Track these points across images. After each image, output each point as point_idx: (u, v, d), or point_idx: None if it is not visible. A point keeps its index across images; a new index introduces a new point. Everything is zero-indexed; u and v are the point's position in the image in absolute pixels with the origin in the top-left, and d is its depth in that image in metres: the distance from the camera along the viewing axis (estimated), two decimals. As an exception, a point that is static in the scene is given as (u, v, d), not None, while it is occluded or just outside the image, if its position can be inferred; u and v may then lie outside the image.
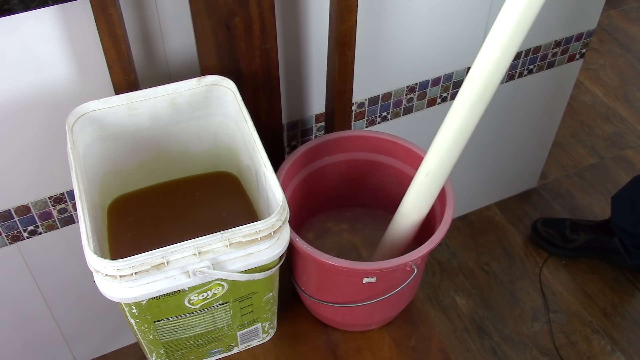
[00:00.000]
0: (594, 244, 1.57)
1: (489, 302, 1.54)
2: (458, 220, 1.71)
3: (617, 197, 1.52)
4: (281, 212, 0.76)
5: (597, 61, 2.20)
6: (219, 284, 0.78)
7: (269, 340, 0.98)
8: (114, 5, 0.80)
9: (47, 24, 0.86)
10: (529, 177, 1.76)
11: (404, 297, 0.98)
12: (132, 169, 0.96)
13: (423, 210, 0.90)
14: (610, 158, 1.89)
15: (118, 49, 0.84)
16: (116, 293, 0.73)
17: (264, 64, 0.97)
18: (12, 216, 1.03)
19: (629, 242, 1.50)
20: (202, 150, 0.98)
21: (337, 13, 0.92)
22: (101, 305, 1.25)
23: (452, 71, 1.29)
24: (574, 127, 1.98)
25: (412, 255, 0.84)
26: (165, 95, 0.90)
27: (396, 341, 0.99)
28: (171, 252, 0.72)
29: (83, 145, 0.87)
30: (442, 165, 0.83)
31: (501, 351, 1.45)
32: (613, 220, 1.52)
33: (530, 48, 1.35)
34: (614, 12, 2.40)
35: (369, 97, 1.23)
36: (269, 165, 0.81)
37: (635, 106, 2.05)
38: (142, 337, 0.84)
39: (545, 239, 1.61)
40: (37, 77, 0.90)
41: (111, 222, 0.94)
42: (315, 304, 0.96)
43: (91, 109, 0.86)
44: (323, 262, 0.84)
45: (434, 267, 1.61)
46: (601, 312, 1.53)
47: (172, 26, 0.94)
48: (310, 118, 1.19)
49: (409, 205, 0.90)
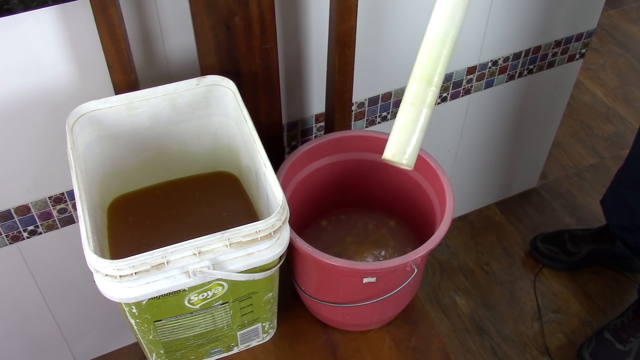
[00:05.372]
0: (597, 254, 1.57)
1: (489, 302, 1.54)
2: (458, 220, 1.71)
3: (605, 200, 1.51)
4: (281, 212, 0.76)
5: (597, 61, 2.20)
6: (219, 284, 0.79)
7: (269, 340, 0.98)
8: (114, 5, 0.80)
9: (47, 24, 0.86)
10: (529, 177, 1.76)
11: (404, 297, 0.98)
12: (132, 169, 0.96)
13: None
14: (610, 158, 1.89)
15: (118, 49, 0.84)
16: (116, 293, 0.73)
17: (263, 64, 0.97)
18: (12, 216, 1.03)
19: (633, 240, 1.49)
20: (202, 150, 0.98)
21: (337, 13, 0.92)
22: (101, 305, 1.25)
23: (452, 71, 1.29)
24: (574, 127, 1.98)
25: (412, 255, 0.84)
26: (165, 95, 0.90)
27: (396, 341, 0.99)
28: (171, 252, 0.72)
29: (83, 145, 0.87)
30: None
31: (501, 351, 1.45)
32: (611, 223, 1.51)
33: (530, 48, 1.35)
34: (614, 12, 2.40)
35: (369, 97, 1.23)
36: (269, 165, 0.81)
37: (635, 106, 2.05)
38: (142, 337, 0.84)
39: (548, 256, 1.60)
40: (37, 77, 0.90)
41: (111, 222, 0.94)
42: (315, 303, 0.96)
43: (91, 109, 0.86)
44: (323, 262, 0.84)
45: (434, 267, 1.61)
46: (601, 312, 1.53)
47: (172, 26, 0.94)
48: (310, 118, 1.19)
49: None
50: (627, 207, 1.43)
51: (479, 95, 1.38)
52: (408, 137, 0.74)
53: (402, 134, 0.74)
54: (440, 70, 0.74)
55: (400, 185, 1.03)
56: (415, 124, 0.74)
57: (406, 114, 0.74)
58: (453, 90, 1.33)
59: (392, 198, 1.06)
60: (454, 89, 1.33)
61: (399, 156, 0.74)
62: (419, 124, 0.74)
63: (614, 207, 1.49)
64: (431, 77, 0.73)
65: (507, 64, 1.35)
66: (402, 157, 0.74)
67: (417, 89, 0.74)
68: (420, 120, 0.74)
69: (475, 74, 1.33)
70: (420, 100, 0.74)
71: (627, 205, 1.43)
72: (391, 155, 0.74)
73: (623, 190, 1.43)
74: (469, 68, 1.30)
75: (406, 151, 0.74)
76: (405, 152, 0.74)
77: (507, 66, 1.36)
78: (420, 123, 0.74)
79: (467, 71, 1.31)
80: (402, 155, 0.74)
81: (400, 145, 0.74)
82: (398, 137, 0.74)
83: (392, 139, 0.75)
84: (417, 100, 0.74)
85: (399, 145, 0.74)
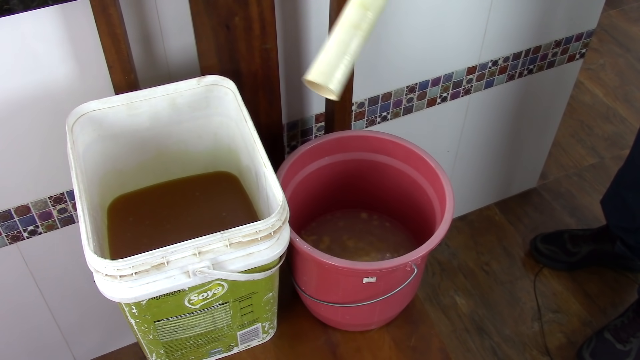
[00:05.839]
0: (597, 254, 1.57)
1: (489, 302, 1.54)
2: (458, 220, 1.71)
3: (606, 200, 1.51)
4: (281, 212, 0.76)
5: (597, 61, 2.20)
6: (219, 284, 0.78)
7: (269, 340, 0.98)
8: (114, 5, 0.80)
9: (47, 24, 0.86)
10: (529, 177, 1.76)
11: (404, 297, 0.98)
12: (132, 169, 0.96)
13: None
14: (610, 158, 1.89)
15: (118, 49, 0.84)
16: (116, 293, 0.73)
17: (264, 64, 0.97)
18: (12, 216, 1.03)
19: (632, 241, 1.49)
20: (202, 150, 0.98)
21: (337, 13, 0.92)
22: (101, 305, 1.25)
23: (452, 71, 1.29)
24: (574, 127, 1.98)
25: (412, 255, 0.84)
26: (165, 95, 0.90)
27: (396, 341, 0.99)
28: (171, 252, 0.72)
29: (83, 145, 0.87)
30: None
31: (501, 351, 1.45)
32: (611, 224, 1.51)
33: (530, 48, 1.35)
34: (614, 12, 2.40)
35: (369, 97, 1.23)
36: (269, 165, 0.81)
37: (635, 106, 2.05)
38: (142, 337, 0.84)
39: (548, 256, 1.60)
40: (37, 77, 0.90)
41: (111, 222, 0.94)
42: (315, 303, 0.96)
43: (91, 109, 0.86)
44: (323, 262, 0.84)
45: (434, 267, 1.61)
46: (601, 312, 1.53)
47: (172, 26, 0.94)
48: (310, 118, 1.19)
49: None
50: (627, 208, 1.43)
51: (479, 95, 1.38)
52: (337, 59, 0.67)
53: (331, 55, 0.67)
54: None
55: (400, 185, 1.03)
56: (345, 47, 0.67)
57: (338, 35, 0.68)
58: (453, 90, 1.33)
59: (392, 198, 1.06)
60: (454, 89, 1.33)
61: (323, 78, 0.66)
62: (349, 48, 0.68)
63: (614, 207, 1.49)
64: (369, 3, 0.69)
65: (507, 64, 1.35)
66: (327, 79, 0.66)
67: (353, 12, 0.69)
68: (352, 45, 0.68)
69: (475, 74, 1.33)
70: (354, 24, 0.68)
71: (627, 206, 1.43)
72: (314, 76, 0.67)
73: (623, 191, 1.43)
74: (469, 68, 1.30)
75: (333, 74, 0.66)
76: (331, 75, 0.66)
77: (507, 66, 1.36)
78: (352, 48, 0.68)
79: (467, 71, 1.31)
80: (327, 77, 0.66)
81: (326, 66, 0.67)
82: (325, 58, 0.67)
83: (318, 59, 0.68)
84: (351, 23, 0.68)
85: (325, 66, 0.67)
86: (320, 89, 0.68)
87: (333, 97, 0.69)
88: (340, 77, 0.67)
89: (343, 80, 0.68)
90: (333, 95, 0.68)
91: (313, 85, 0.68)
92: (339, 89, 0.67)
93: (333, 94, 0.68)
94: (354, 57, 0.68)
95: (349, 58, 0.68)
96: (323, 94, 0.69)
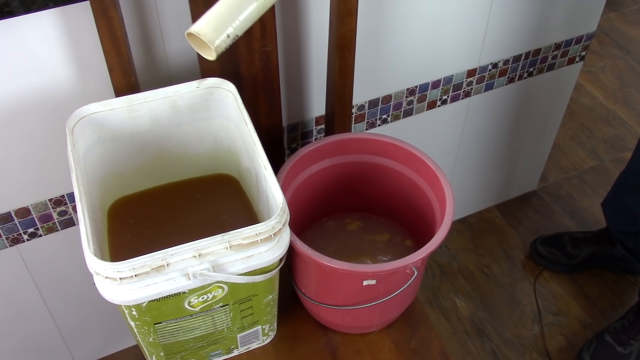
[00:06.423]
0: (597, 256, 1.57)
1: (489, 304, 1.54)
2: (458, 222, 1.71)
3: (607, 202, 1.51)
4: (281, 214, 0.76)
5: (597, 64, 2.20)
6: (219, 286, 0.78)
7: (269, 342, 0.98)
8: (115, 8, 0.81)
9: (47, 27, 0.86)
10: (529, 180, 1.76)
11: (404, 300, 0.98)
12: (132, 171, 0.96)
13: None
14: (610, 160, 1.89)
15: (118, 51, 0.84)
16: (116, 295, 0.73)
17: (264, 67, 0.97)
18: (12, 218, 1.03)
19: (633, 244, 1.49)
20: (203, 152, 0.98)
21: (337, 16, 0.92)
22: (101, 307, 1.25)
23: (452, 74, 1.29)
24: (574, 129, 1.98)
25: (412, 257, 0.84)
26: (166, 98, 0.90)
27: (396, 344, 0.99)
28: (171, 254, 0.72)
29: (83, 148, 0.87)
30: None
31: (501, 354, 1.45)
32: (611, 227, 1.51)
33: (530, 50, 1.35)
34: (614, 14, 2.41)
35: (369, 100, 1.23)
36: (269, 167, 0.81)
37: (635, 109, 2.05)
38: (142, 339, 0.83)
39: (548, 258, 1.60)
40: (38, 79, 0.90)
41: (111, 224, 0.94)
42: (315, 306, 0.96)
43: (91, 111, 0.86)
44: (323, 264, 0.84)
45: (434, 269, 1.61)
46: (601, 314, 1.52)
47: (172, 28, 0.94)
48: (311, 120, 1.19)
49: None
50: (628, 211, 1.43)
51: (479, 97, 1.39)
52: (229, 20, 0.65)
53: (223, 13, 0.65)
54: None
55: (400, 188, 1.03)
56: (240, 11, 0.65)
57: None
58: (453, 93, 1.33)
59: (392, 200, 1.06)
60: (454, 92, 1.33)
61: (211, 35, 0.63)
62: (244, 12, 0.66)
63: (615, 210, 1.49)
64: None
65: (507, 66, 1.35)
66: (214, 37, 0.63)
67: None
68: (248, 9, 0.65)
69: (475, 77, 1.33)
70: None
71: (628, 210, 1.43)
72: (201, 29, 0.63)
73: (624, 194, 1.43)
74: (469, 71, 1.31)
75: (221, 33, 0.64)
76: (219, 34, 0.64)
77: (507, 69, 1.36)
78: (246, 13, 0.65)
79: (467, 74, 1.31)
80: (214, 35, 0.64)
81: (216, 23, 0.64)
82: (216, 15, 0.64)
83: (208, 13, 0.65)
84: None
85: (215, 22, 0.64)
86: (202, 46, 0.65)
87: (210, 58, 0.66)
88: (226, 38, 0.66)
89: (226, 44, 0.66)
90: (210, 56, 0.65)
91: (194, 39, 0.65)
92: (220, 51, 0.65)
93: (212, 54, 0.66)
94: (245, 24, 0.66)
95: (239, 23, 0.66)
96: (201, 52, 0.66)
